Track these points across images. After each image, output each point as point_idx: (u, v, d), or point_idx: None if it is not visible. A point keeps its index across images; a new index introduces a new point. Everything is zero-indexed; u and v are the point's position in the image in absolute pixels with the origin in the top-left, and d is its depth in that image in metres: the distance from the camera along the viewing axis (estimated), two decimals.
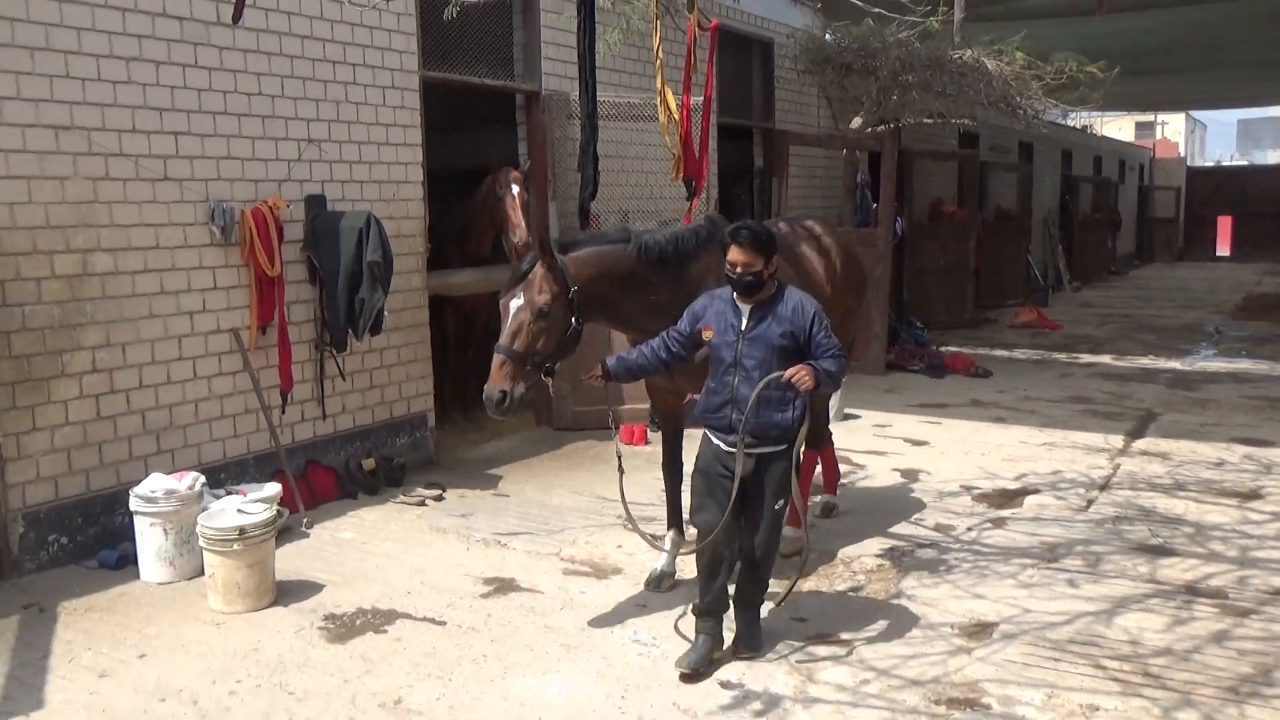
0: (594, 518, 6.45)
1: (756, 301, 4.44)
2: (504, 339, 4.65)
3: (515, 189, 8.04)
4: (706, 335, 4.51)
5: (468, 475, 7.45)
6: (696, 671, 4.29)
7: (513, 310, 4.65)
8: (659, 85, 6.16)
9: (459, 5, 6.28)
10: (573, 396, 8.56)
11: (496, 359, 4.63)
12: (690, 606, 4.65)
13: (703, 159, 6.64)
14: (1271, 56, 16.09)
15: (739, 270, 4.38)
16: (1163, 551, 5.79)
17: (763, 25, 12.05)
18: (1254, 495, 6.83)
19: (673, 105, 6.25)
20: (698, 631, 4.48)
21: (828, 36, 12.55)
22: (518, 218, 7.97)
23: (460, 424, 8.68)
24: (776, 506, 4.49)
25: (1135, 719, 3.95)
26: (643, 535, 5.11)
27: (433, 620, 4.96)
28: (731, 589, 4.57)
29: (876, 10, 6.62)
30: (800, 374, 4.24)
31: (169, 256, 6.04)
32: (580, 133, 5.71)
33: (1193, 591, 5.20)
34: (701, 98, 6.88)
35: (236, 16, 5.41)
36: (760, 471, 4.43)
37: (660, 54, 6.03)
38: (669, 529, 5.50)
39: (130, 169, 5.83)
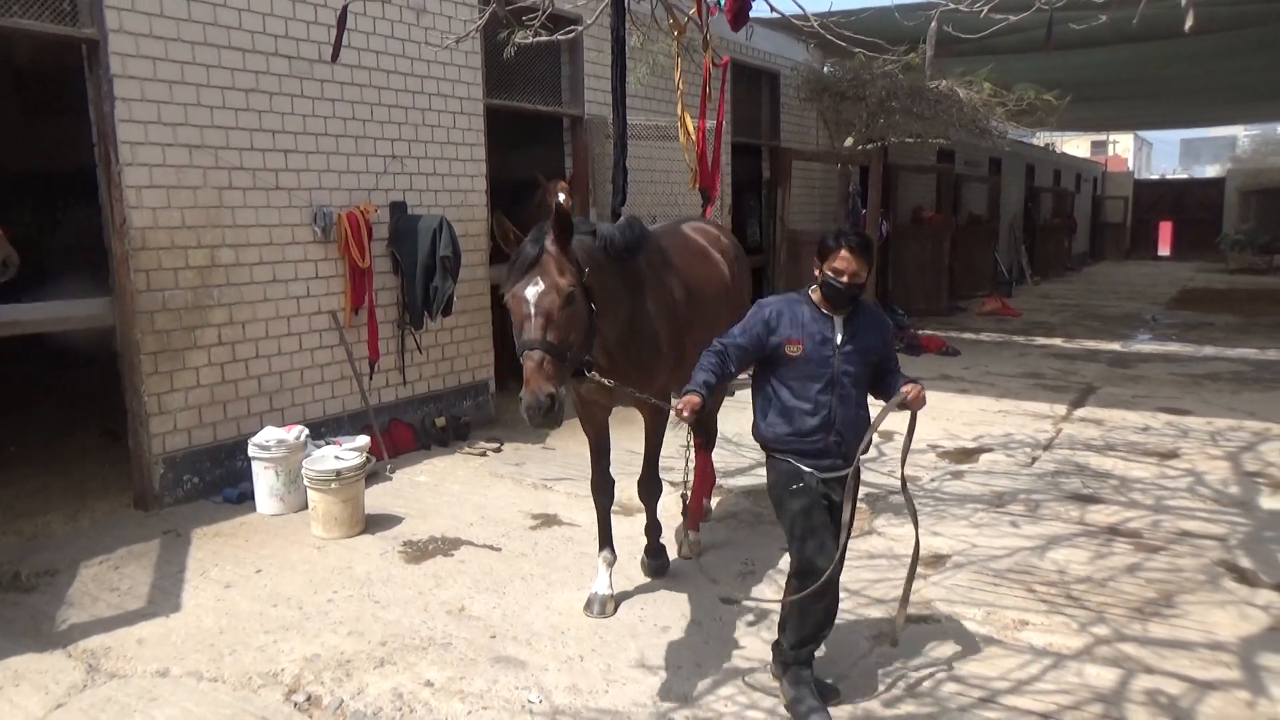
0: (623, 467, 6.45)
1: (849, 312, 3.42)
2: (533, 333, 3.34)
3: (562, 197, 8.14)
4: (793, 350, 3.35)
5: (521, 431, 7.57)
6: None
7: (532, 299, 3.37)
8: (679, 111, 6.21)
9: (516, 46, 6.37)
10: None
11: (531, 359, 3.31)
12: (779, 664, 3.53)
13: (715, 173, 6.69)
14: (1208, 85, 15.83)
15: (846, 280, 3.30)
16: (1092, 500, 5.83)
17: (770, 60, 12.02)
18: (1172, 455, 6.83)
19: (691, 128, 6.30)
20: (799, 683, 3.38)
21: (825, 69, 12.51)
22: None
23: (516, 391, 8.79)
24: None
25: (1057, 631, 4.03)
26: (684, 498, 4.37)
27: (490, 547, 5.11)
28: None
29: (859, 51, 6.62)
30: (919, 394, 3.36)
31: (280, 251, 6.20)
32: (613, 151, 5.77)
33: (1113, 532, 5.24)
34: (715, 122, 6.92)
35: (334, 56, 5.55)
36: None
37: (681, 85, 6.07)
38: (601, 550, 4.40)
39: (249, 180, 5.98)
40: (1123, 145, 47.68)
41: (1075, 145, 39.04)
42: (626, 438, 7.15)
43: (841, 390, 3.36)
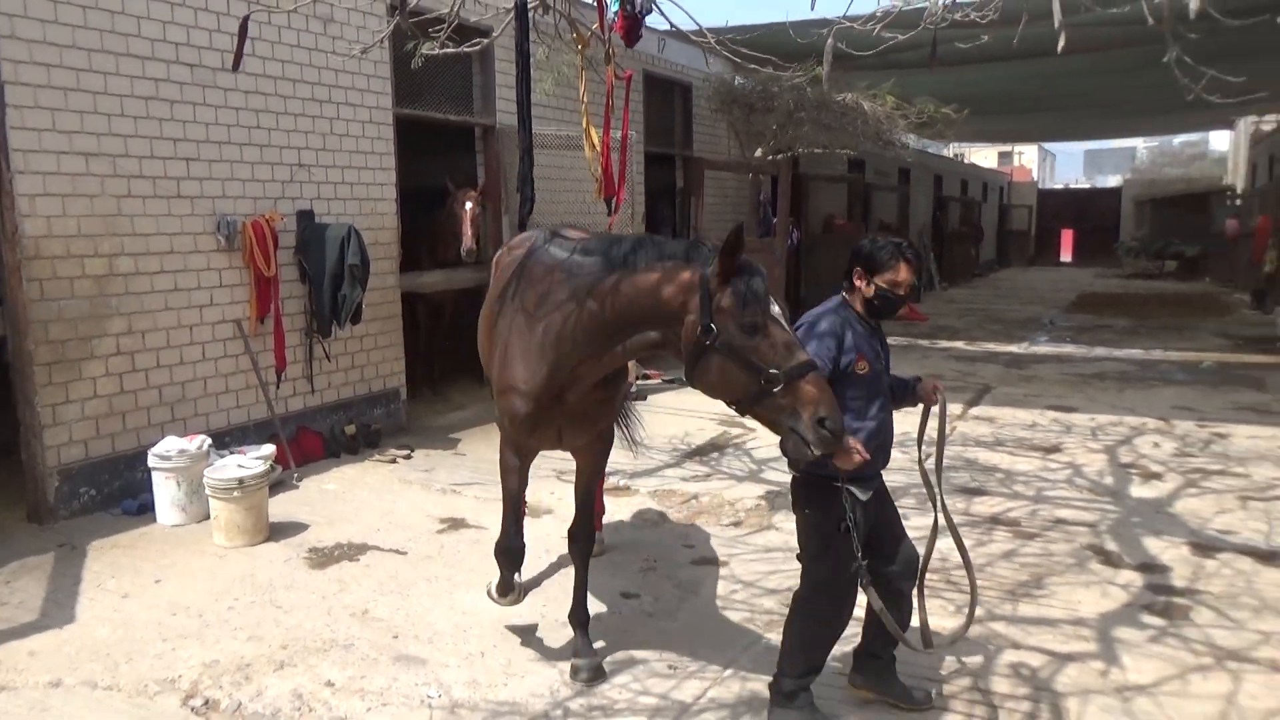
0: (533, 471, 6.64)
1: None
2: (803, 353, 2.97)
3: (468, 205, 8.22)
4: (862, 369, 3.17)
5: (433, 438, 7.64)
6: None
7: (783, 319, 3.02)
8: (584, 124, 6.38)
9: (424, 57, 6.44)
10: None
11: (824, 379, 2.97)
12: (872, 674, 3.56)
13: (620, 184, 6.85)
14: (1106, 99, 16.64)
15: (904, 291, 3.25)
16: (978, 492, 6.16)
17: (682, 71, 12.30)
18: (1055, 449, 7.24)
19: (595, 140, 6.46)
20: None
21: (736, 81, 12.83)
22: (465, 230, 8.17)
23: (428, 397, 8.85)
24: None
25: (934, 614, 4.26)
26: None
27: (397, 551, 5.17)
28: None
29: (752, 67, 6.88)
30: (938, 390, 3.36)
31: (182, 260, 6.15)
32: (519, 162, 5.89)
33: (995, 521, 5.56)
34: (620, 134, 7.10)
35: (235, 66, 5.57)
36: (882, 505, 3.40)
37: (585, 98, 6.24)
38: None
39: (149, 188, 5.93)
40: (1028, 156, 49.65)
41: (983, 156, 40.58)
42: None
43: (888, 405, 3.29)
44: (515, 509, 3.91)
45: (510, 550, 3.94)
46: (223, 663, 3.87)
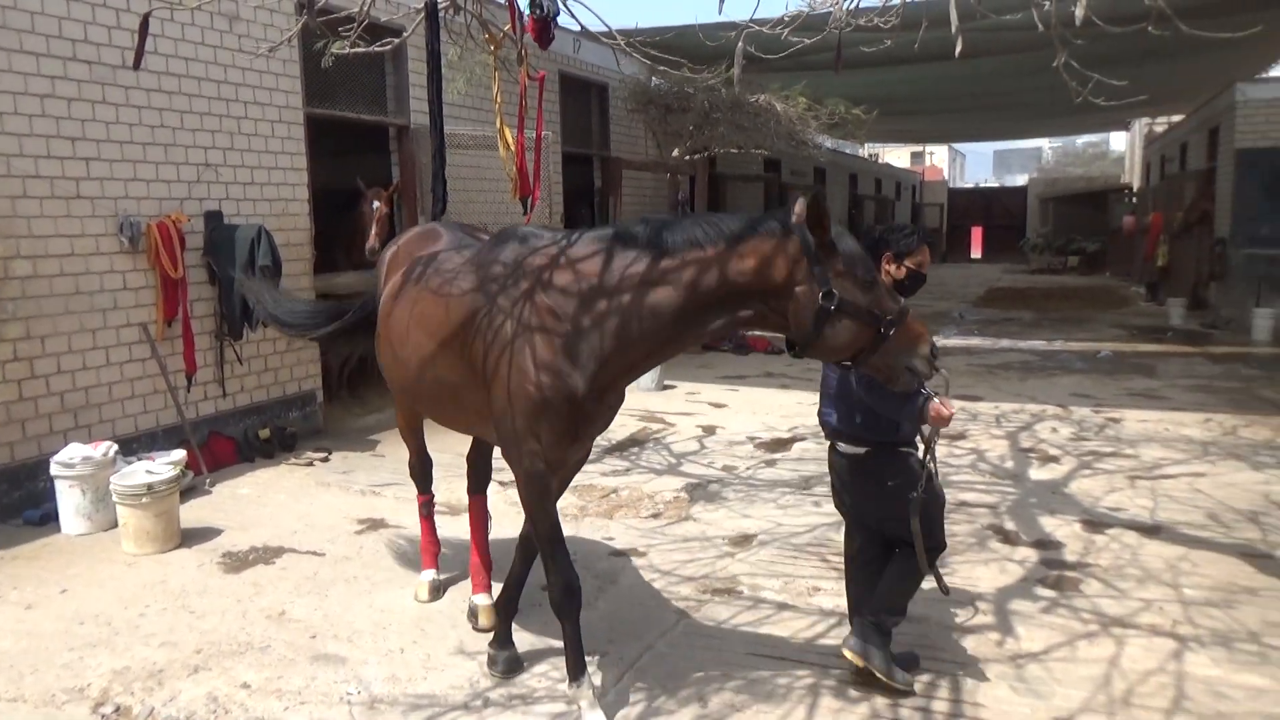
0: (453, 470, 6.58)
1: None
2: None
3: (376, 205, 8.18)
4: None
5: (351, 441, 7.58)
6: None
7: None
8: (498, 125, 6.42)
9: (333, 56, 6.40)
10: None
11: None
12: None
13: (535, 184, 6.90)
14: (1009, 101, 17.34)
15: (924, 270, 3.62)
16: None
17: (598, 72, 12.40)
18: (960, 436, 7.56)
19: (510, 140, 6.51)
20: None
21: (652, 82, 13.00)
22: (371, 230, 8.14)
23: (346, 400, 8.77)
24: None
25: (843, 594, 4.47)
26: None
27: (314, 552, 5.14)
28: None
29: (663, 69, 7.02)
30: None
31: (83, 262, 6.00)
32: (431, 161, 5.92)
33: None
34: (534, 134, 7.15)
35: (136, 64, 5.45)
36: None
37: (499, 99, 6.28)
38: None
39: (46, 189, 5.77)
40: (939, 156, 51.26)
41: (896, 156, 41.73)
42: (459, 441, 7.26)
43: None
44: (560, 539, 3.48)
45: (572, 590, 3.43)
46: (134, 669, 3.82)
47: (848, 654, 3.62)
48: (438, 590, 4.54)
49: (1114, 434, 7.67)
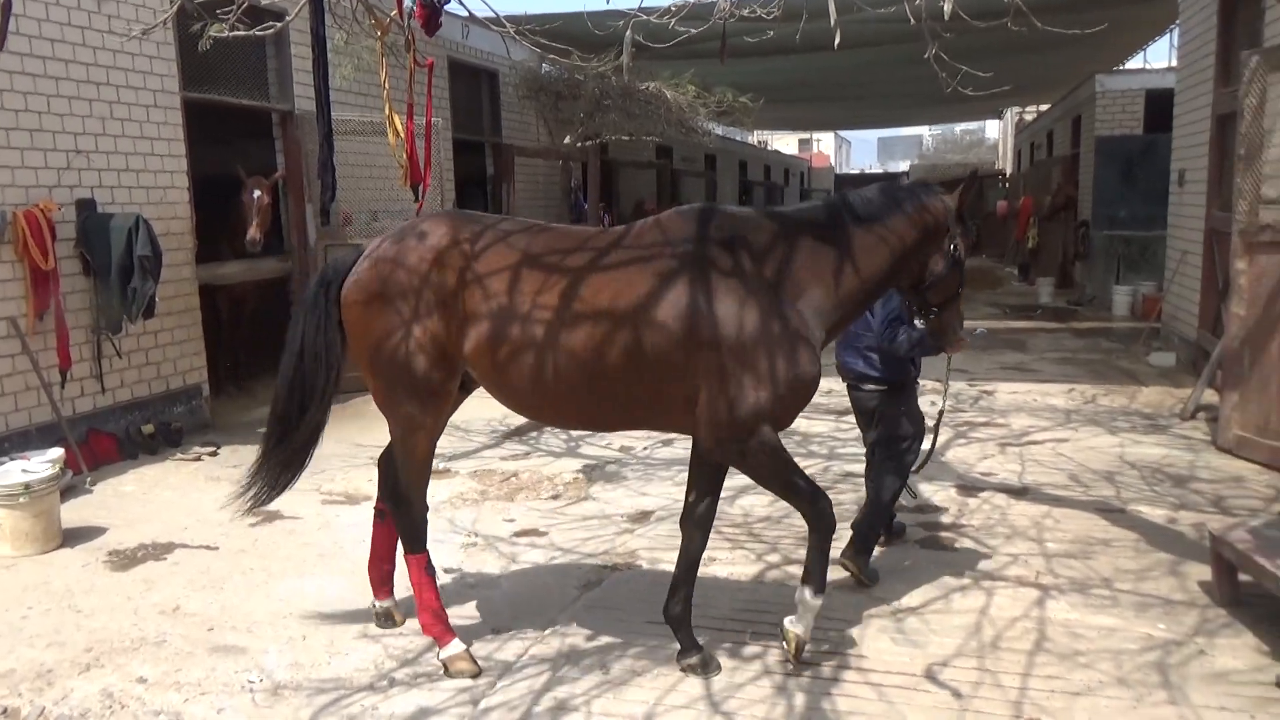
0: (351, 460, 6.63)
1: None
2: None
3: (257, 193, 8.00)
4: None
5: (241, 435, 7.42)
6: None
7: None
8: (387, 111, 6.38)
9: (211, 39, 6.23)
10: None
11: None
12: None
13: (426, 170, 6.91)
14: (889, 90, 18.02)
15: None
16: None
17: (488, 59, 12.34)
18: (846, 412, 7.89)
19: (399, 126, 6.48)
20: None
21: (543, 69, 13.01)
22: (252, 221, 7.97)
23: (234, 393, 8.56)
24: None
25: (738, 563, 4.70)
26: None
27: (207, 547, 5.07)
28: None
29: (552, 57, 7.10)
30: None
31: None
32: (319, 149, 5.85)
33: None
34: (424, 120, 7.14)
35: None
36: None
37: (386, 85, 6.24)
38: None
39: None
40: (826, 143, 52.68)
41: (784, 143, 42.68)
42: (358, 431, 7.23)
43: None
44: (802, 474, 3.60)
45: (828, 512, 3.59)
46: (20, 671, 3.72)
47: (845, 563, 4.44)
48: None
49: (987, 405, 8.17)
